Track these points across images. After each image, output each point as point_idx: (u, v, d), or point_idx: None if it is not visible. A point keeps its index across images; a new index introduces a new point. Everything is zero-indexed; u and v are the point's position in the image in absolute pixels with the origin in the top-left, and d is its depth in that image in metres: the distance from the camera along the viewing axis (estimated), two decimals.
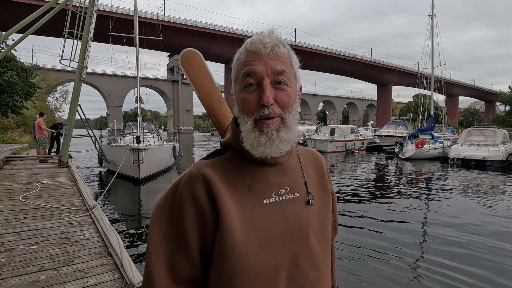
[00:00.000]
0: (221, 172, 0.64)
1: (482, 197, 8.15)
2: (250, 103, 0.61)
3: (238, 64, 0.64)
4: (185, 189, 0.63)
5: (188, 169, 0.66)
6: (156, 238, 0.63)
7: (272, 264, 0.62)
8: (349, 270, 3.87)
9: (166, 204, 0.65)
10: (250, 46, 0.63)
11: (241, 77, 0.62)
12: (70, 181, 6.21)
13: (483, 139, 16.21)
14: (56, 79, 38.77)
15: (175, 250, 0.62)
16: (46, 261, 2.57)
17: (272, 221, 0.62)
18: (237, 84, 0.64)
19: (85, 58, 8.16)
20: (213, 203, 0.61)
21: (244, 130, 0.62)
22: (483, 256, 4.21)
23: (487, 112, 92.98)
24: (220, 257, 0.61)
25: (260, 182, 0.64)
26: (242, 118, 0.63)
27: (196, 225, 0.61)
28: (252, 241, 0.60)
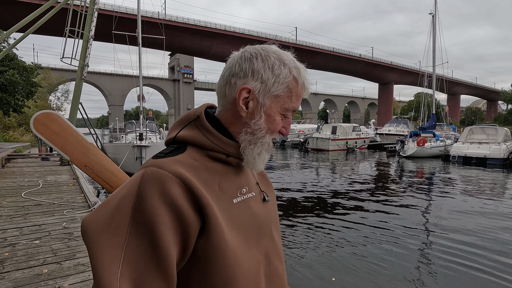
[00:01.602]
0: (192, 171, 0.58)
1: (484, 194, 8.13)
2: (277, 127, 0.65)
3: (289, 88, 0.63)
4: (153, 194, 0.52)
5: (148, 170, 0.55)
6: (112, 270, 0.48)
7: (256, 264, 0.61)
8: (350, 269, 3.88)
9: (119, 220, 0.52)
10: (307, 84, 0.66)
11: (289, 107, 0.64)
12: (72, 179, 6.24)
13: (485, 137, 16.18)
14: (58, 78, 38.87)
15: (146, 278, 0.49)
16: (48, 255, 2.59)
17: (245, 220, 0.62)
18: (278, 105, 0.63)
19: (86, 56, 8.18)
20: (196, 205, 0.54)
21: (259, 145, 0.64)
22: (486, 255, 4.21)
23: (489, 111, 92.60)
24: (207, 265, 0.55)
25: (227, 181, 0.63)
26: (263, 135, 0.63)
27: (175, 236, 0.52)
28: (238, 243, 0.58)
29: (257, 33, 57.41)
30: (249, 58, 0.63)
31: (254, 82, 0.62)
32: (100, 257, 0.49)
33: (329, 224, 5.56)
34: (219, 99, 0.67)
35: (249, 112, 0.63)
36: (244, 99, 0.62)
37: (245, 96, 0.62)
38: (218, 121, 0.65)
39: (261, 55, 0.62)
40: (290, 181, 10.02)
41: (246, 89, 0.62)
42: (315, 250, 4.38)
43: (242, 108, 0.63)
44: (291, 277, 3.53)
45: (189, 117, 0.66)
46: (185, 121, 0.66)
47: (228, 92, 0.64)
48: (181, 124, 0.65)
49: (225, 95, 0.64)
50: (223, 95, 0.65)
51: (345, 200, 7.48)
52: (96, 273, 0.48)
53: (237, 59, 0.64)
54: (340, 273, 3.71)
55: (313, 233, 5.06)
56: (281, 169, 13.01)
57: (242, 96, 0.62)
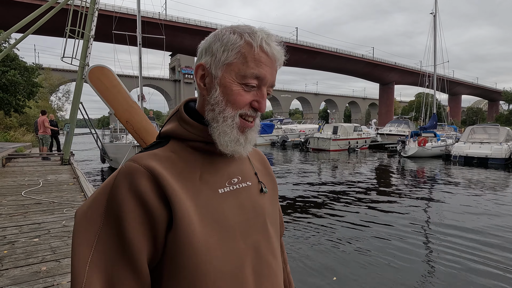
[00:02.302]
0: (167, 164, 0.57)
1: (485, 194, 8.10)
2: (244, 100, 0.59)
3: (243, 54, 0.58)
4: (123, 187, 0.53)
5: (125, 164, 0.57)
6: (84, 255, 0.50)
7: (236, 257, 0.58)
8: (351, 268, 3.86)
9: (94, 210, 0.53)
10: (267, 47, 0.59)
11: (248, 74, 0.59)
12: (72, 178, 6.24)
13: (486, 137, 16.12)
14: (59, 79, 38.97)
15: (115, 265, 0.50)
16: (47, 253, 2.58)
17: (230, 211, 0.60)
18: (233, 73, 0.59)
19: (86, 56, 8.19)
20: (163, 198, 0.54)
21: (223, 123, 0.59)
22: (489, 256, 4.18)
23: (490, 111, 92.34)
24: (176, 259, 0.54)
25: (211, 172, 0.61)
26: (222, 109, 0.59)
27: (142, 228, 0.52)
28: (213, 234, 0.56)
29: None
30: (207, 39, 0.63)
31: (206, 57, 0.61)
32: (76, 242, 0.52)
33: (330, 223, 5.54)
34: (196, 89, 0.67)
35: (207, 89, 0.62)
36: (201, 77, 0.62)
37: (201, 74, 0.62)
38: (194, 109, 0.65)
39: (217, 33, 0.62)
40: (291, 181, 10.00)
41: (201, 66, 0.62)
42: (316, 249, 4.36)
43: (200, 85, 0.62)
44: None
45: (173, 112, 0.66)
46: (170, 116, 0.66)
47: (195, 77, 0.63)
48: (168, 120, 0.66)
49: (195, 81, 0.64)
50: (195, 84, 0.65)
51: (346, 199, 7.46)
52: (72, 257, 0.52)
53: (200, 45, 0.64)
54: (341, 272, 3.69)
55: (314, 232, 5.04)
56: (282, 169, 13.00)
57: (198, 74, 0.62)
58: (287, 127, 32.06)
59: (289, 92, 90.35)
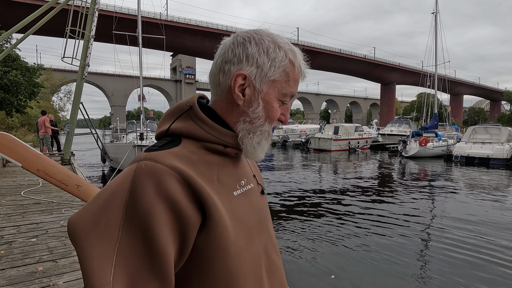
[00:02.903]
0: (189, 164, 0.54)
1: (487, 194, 8.06)
2: (277, 115, 0.62)
3: (287, 72, 0.60)
4: (148, 189, 0.48)
5: (142, 164, 0.51)
6: (104, 274, 0.44)
7: (257, 258, 0.59)
8: (350, 266, 3.84)
9: (109, 218, 0.47)
10: (303, 68, 0.63)
11: (287, 92, 0.61)
12: None
13: (488, 137, 16.06)
14: (60, 79, 39.13)
15: (141, 280, 0.45)
16: (44, 253, 2.57)
17: (246, 213, 0.60)
18: (276, 90, 0.60)
19: (87, 56, 8.20)
20: (196, 201, 0.51)
21: (258, 133, 0.61)
22: (489, 258, 4.15)
23: (492, 111, 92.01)
24: (208, 263, 0.52)
25: (226, 173, 0.60)
26: (262, 123, 0.61)
27: (172, 236, 0.48)
28: (240, 237, 0.56)
29: None
30: (242, 43, 0.59)
31: (250, 67, 0.59)
32: (90, 258, 0.45)
33: (329, 222, 5.52)
34: (212, 88, 0.63)
35: (246, 100, 0.60)
36: (240, 86, 0.59)
37: (241, 83, 0.59)
38: (212, 111, 0.61)
39: (254, 39, 0.59)
40: (291, 181, 9.98)
41: (242, 75, 0.59)
42: (315, 248, 4.35)
43: (238, 96, 0.59)
44: (290, 275, 3.50)
45: (181, 108, 0.62)
46: (177, 112, 0.62)
47: (223, 80, 0.60)
48: (173, 116, 0.62)
49: (219, 84, 0.61)
50: (217, 83, 0.61)
51: (346, 199, 7.43)
52: (86, 276, 0.44)
53: (229, 45, 0.60)
54: (340, 270, 3.67)
55: (313, 231, 5.02)
56: (282, 169, 12.98)
57: (237, 83, 0.59)
58: (288, 127, 32.05)
59: None
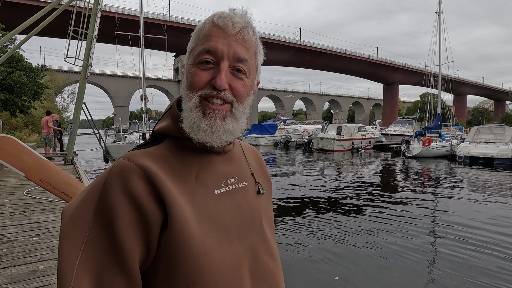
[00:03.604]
0: (162, 163, 0.54)
1: (491, 194, 7.97)
2: (200, 79, 0.56)
3: (198, 35, 0.58)
4: (116, 186, 0.50)
5: (117, 162, 0.54)
6: (72, 258, 0.47)
7: (234, 259, 0.56)
8: (354, 267, 3.81)
9: (84, 211, 0.50)
10: (218, 19, 0.56)
11: (199, 51, 0.56)
12: (75, 177, 6.26)
13: (492, 137, 15.92)
14: (64, 80, 39.39)
15: (105, 269, 0.47)
16: (46, 252, 2.57)
17: (226, 212, 0.58)
18: (191, 57, 0.58)
19: (89, 56, 8.23)
20: (157, 199, 0.51)
21: (186, 107, 0.56)
22: (493, 260, 4.10)
23: (496, 111, 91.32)
24: (172, 261, 0.51)
25: (208, 171, 0.59)
26: (186, 94, 0.57)
27: (135, 230, 0.49)
28: (210, 236, 0.54)
29: (261, 33, 57.17)
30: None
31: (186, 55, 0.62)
32: (63, 244, 0.49)
33: (332, 223, 5.49)
34: None
35: (182, 82, 0.62)
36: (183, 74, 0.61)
37: (182, 71, 0.62)
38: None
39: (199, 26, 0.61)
40: (294, 180, 9.95)
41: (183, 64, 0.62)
42: (318, 248, 4.32)
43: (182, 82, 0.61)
44: (291, 276, 3.48)
45: (166, 109, 0.63)
46: (163, 114, 0.64)
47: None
48: (162, 117, 0.63)
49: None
50: None
51: (349, 200, 7.39)
52: (58, 258, 0.49)
53: None
54: (343, 272, 3.64)
55: (316, 232, 4.99)
56: (285, 169, 12.95)
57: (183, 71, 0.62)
58: (290, 128, 31.99)
59: (292, 93, 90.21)
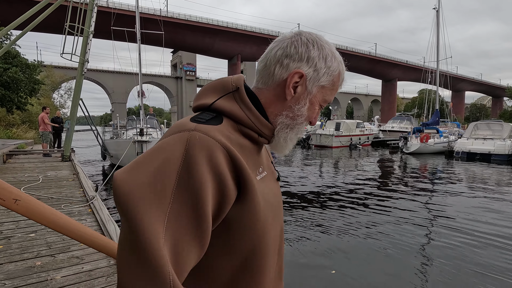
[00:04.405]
0: (231, 142, 0.56)
1: (488, 190, 8.02)
2: (313, 116, 0.67)
3: (334, 83, 0.66)
4: (201, 161, 0.49)
5: (195, 134, 0.52)
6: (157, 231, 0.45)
7: (276, 236, 0.64)
8: (350, 261, 3.83)
9: (166, 181, 0.48)
10: (342, 83, 0.68)
11: (327, 97, 0.66)
12: (72, 174, 6.24)
13: (490, 133, 15.99)
14: (61, 76, 39.11)
15: (184, 241, 0.47)
16: (43, 248, 2.57)
17: (269, 196, 0.63)
18: (321, 95, 0.65)
19: (86, 52, 8.16)
20: (235, 177, 0.54)
21: (295, 130, 0.65)
22: (489, 254, 4.14)
23: (494, 107, 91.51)
24: (234, 236, 0.55)
25: (251, 159, 0.62)
26: (302, 122, 0.65)
27: (214, 206, 0.51)
28: (268, 215, 0.60)
29: (260, 29, 57.13)
30: (306, 43, 0.63)
31: (308, 68, 0.62)
32: (145, 218, 0.45)
33: (329, 218, 5.51)
34: (261, 76, 0.65)
35: (294, 97, 0.63)
36: (295, 83, 0.62)
37: (296, 81, 0.62)
38: (256, 98, 0.63)
39: (317, 43, 0.63)
40: (292, 177, 9.97)
41: (299, 74, 0.62)
42: (315, 242, 4.34)
43: (290, 91, 0.63)
44: (289, 271, 3.49)
45: (226, 87, 0.63)
46: (221, 90, 0.63)
47: (278, 72, 0.63)
48: (217, 92, 0.63)
49: (273, 74, 0.63)
50: (269, 73, 0.63)
51: (346, 195, 7.42)
52: (139, 234, 0.44)
53: (292, 41, 0.63)
54: (340, 266, 3.66)
55: (313, 226, 5.01)
56: (283, 164, 12.97)
57: (293, 79, 0.62)
58: None
59: None
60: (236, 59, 63.31)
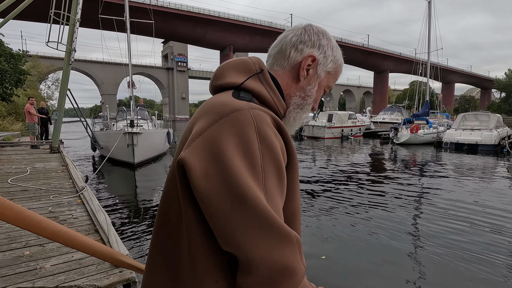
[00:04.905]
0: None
1: (474, 179, 8.24)
2: (318, 99, 0.75)
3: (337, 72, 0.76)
4: (271, 133, 0.55)
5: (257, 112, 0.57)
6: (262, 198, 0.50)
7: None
8: (340, 247, 3.91)
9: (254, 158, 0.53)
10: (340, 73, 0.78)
11: (330, 83, 0.75)
12: (61, 166, 6.14)
13: (478, 124, 16.32)
14: (48, 67, 37.99)
15: (279, 202, 0.53)
16: (31, 238, 2.54)
17: None
18: (326, 80, 0.74)
19: (73, 40, 7.93)
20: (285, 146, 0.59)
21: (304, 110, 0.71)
22: (478, 239, 4.28)
23: (482, 99, 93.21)
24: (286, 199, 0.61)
25: None
26: (310, 102, 0.72)
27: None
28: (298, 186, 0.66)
29: (252, 20, 56.36)
30: (317, 33, 0.71)
31: (319, 54, 0.71)
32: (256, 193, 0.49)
33: (319, 206, 5.59)
34: (276, 59, 0.71)
35: (307, 78, 0.71)
36: (307, 65, 0.70)
37: (309, 63, 0.70)
38: (276, 80, 0.68)
39: (326, 35, 0.73)
40: None
41: (312, 57, 0.70)
42: (305, 229, 4.41)
43: (304, 73, 0.70)
44: None
45: (250, 68, 0.67)
46: (245, 70, 0.67)
47: (293, 55, 0.70)
48: (241, 72, 0.66)
49: (289, 57, 0.70)
50: (285, 56, 0.70)
51: (337, 184, 7.52)
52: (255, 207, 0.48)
53: (306, 30, 0.71)
54: (330, 252, 3.74)
55: (303, 213, 5.08)
56: None
57: (307, 62, 0.70)
58: None
59: None
60: (228, 50, 62.50)
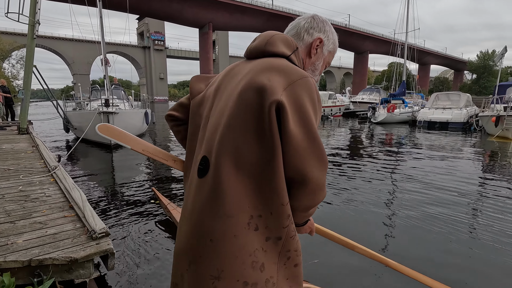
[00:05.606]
0: None
1: (443, 155, 8.74)
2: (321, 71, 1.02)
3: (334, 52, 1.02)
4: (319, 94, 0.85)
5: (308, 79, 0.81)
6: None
7: None
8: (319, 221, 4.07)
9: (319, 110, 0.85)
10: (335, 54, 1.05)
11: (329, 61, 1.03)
12: (31, 146, 5.85)
13: (449, 103, 17.09)
14: (10, 43, 35.10)
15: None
16: (1, 216, 2.45)
17: None
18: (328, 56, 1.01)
19: (36, 12, 7.31)
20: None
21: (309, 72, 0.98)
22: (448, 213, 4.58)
23: (455, 81, 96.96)
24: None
25: None
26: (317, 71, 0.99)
27: None
28: None
29: None
30: (322, 21, 0.97)
31: (325, 37, 0.96)
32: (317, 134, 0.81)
33: None
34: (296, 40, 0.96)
35: (316, 55, 0.96)
36: (316, 46, 0.95)
37: (317, 44, 0.95)
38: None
39: (328, 23, 0.98)
40: None
41: (320, 39, 0.96)
42: None
43: (314, 51, 0.96)
44: None
45: (291, 44, 0.89)
46: (288, 45, 0.88)
47: (306, 37, 0.95)
48: (286, 46, 0.88)
49: (303, 39, 0.95)
50: (300, 38, 0.95)
51: None
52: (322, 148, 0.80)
53: (314, 18, 0.96)
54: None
55: None
56: None
57: (316, 43, 0.95)
58: None
59: None
60: (208, 28, 60.24)
